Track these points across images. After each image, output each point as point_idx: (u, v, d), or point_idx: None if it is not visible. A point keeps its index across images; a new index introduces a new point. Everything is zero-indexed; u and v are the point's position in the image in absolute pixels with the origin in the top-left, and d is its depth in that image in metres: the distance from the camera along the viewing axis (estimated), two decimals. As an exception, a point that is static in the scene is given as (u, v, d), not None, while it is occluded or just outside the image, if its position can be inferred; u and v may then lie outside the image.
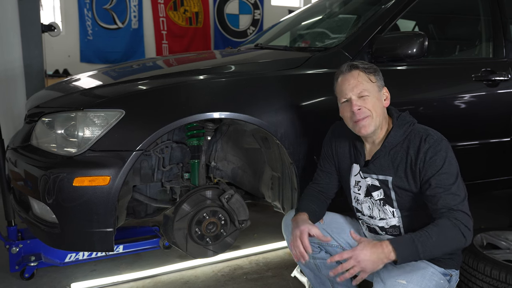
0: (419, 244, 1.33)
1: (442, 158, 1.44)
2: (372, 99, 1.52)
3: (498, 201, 3.52)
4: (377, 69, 1.58)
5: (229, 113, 1.83)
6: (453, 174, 1.44)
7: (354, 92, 1.53)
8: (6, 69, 3.54)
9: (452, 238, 1.36)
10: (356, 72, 1.54)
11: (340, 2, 2.91)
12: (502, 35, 2.48)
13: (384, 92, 1.58)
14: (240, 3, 7.36)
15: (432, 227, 1.37)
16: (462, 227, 1.36)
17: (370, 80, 1.54)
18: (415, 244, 1.33)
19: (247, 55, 2.50)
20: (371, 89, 1.53)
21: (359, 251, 1.33)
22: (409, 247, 1.33)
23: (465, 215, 1.39)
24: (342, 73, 1.57)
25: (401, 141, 1.53)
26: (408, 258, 1.34)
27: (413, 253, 1.33)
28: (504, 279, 1.80)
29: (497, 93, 2.38)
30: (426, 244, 1.33)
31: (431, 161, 1.44)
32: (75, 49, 6.39)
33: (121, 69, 2.53)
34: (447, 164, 1.44)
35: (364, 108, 1.52)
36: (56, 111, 1.83)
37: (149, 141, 1.72)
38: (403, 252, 1.32)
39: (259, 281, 2.21)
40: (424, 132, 1.50)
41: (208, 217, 1.98)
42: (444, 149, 1.46)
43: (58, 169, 1.68)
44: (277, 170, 2.10)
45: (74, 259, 2.22)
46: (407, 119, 1.57)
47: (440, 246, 1.35)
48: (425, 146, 1.46)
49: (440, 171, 1.43)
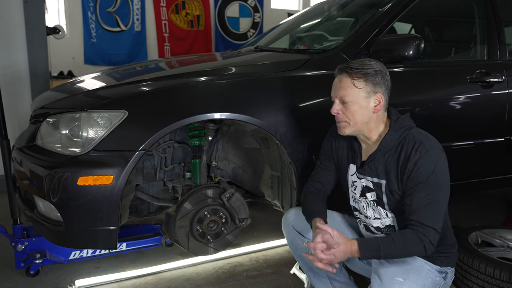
0: (382, 250, 1.42)
1: (430, 170, 1.42)
2: (353, 106, 1.50)
3: (492, 200, 3.53)
4: (370, 74, 1.48)
5: (230, 113, 1.84)
6: (437, 188, 1.43)
7: (337, 97, 1.53)
8: (12, 71, 3.57)
9: (413, 251, 1.44)
10: (342, 76, 1.52)
11: (338, 5, 2.91)
12: (496, 37, 2.49)
13: (376, 98, 1.50)
14: (241, 6, 7.37)
15: (399, 236, 1.43)
16: (426, 243, 1.41)
17: (355, 86, 1.49)
18: (379, 249, 1.42)
19: (247, 57, 2.51)
20: (355, 96, 1.49)
21: (337, 250, 1.44)
22: (373, 251, 1.43)
23: (434, 233, 1.41)
24: (335, 74, 1.58)
25: (395, 145, 1.50)
26: (369, 257, 1.48)
27: (374, 255, 1.45)
28: (499, 276, 1.82)
29: (491, 94, 2.40)
30: (389, 251, 1.42)
31: (418, 172, 1.42)
32: (79, 51, 6.41)
33: (124, 71, 2.54)
34: (433, 177, 1.42)
35: (342, 114, 1.53)
36: (61, 112, 1.84)
37: (151, 141, 1.74)
38: (365, 253, 1.44)
39: (259, 278, 2.22)
40: (418, 139, 1.46)
41: (209, 216, 2.00)
42: (434, 160, 1.43)
43: (63, 168, 1.70)
44: (277, 170, 2.12)
45: (78, 256, 2.23)
46: (404, 123, 1.53)
47: (399, 255, 1.45)
48: (415, 156, 1.43)
49: (423, 183, 1.42)
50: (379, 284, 1.47)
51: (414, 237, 1.41)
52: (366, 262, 1.74)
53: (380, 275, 1.49)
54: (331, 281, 1.80)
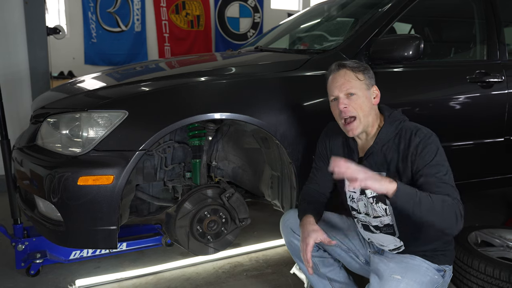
0: (419, 196, 1.34)
1: (434, 151, 1.44)
2: (360, 98, 1.54)
3: (492, 199, 3.53)
4: (367, 68, 1.58)
5: (230, 114, 1.84)
6: (445, 166, 1.44)
7: (341, 91, 1.55)
8: (13, 71, 3.57)
9: (447, 214, 1.35)
10: (344, 70, 1.56)
11: (338, 6, 2.92)
12: (495, 37, 2.50)
13: (374, 90, 1.58)
14: (241, 7, 7.37)
15: (436, 195, 1.36)
16: (458, 212, 1.35)
17: (357, 78, 1.55)
18: (417, 195, 1.34)
19: (247, 57, 2.51)
20: (359, 88, 1.54)
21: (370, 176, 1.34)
22: (411, 194, 1.34)
23: (462, 207, 1.37)
24: (331, 72, 1.60)
25: (392, 137, 1.54)
26: (404, 199, 1.34)
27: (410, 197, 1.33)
28: (498, 276, 1.82)
29: (491, 94, 2.41)
30: (425, 202, 1.33)
31: (423, 154, 1.44)
32: (79, 52, 6.42)
33: (125, 71, 2.54)
34: (439, 156, 1.44)
35: (350, 107, 1.54)
36: (61, 112, 1.85)
37: (151, 141, 1.74)
38: (403, 189, 1.33)
39: (259, 278, 2.23)
40: (414, 128, 1.51)
41: (209, 215, 2.01)
42: (435, 142, 1.46)
43: (63, 168, 1.70)
44: (277, 170, 2.12)
45: (78, 256, 2.24)
46: (398, 116, 1.58)
47: (433, 213, 1.34)
48: (415, 140, 1.46)
49: (432, 162, 1.43)
50: (377, 282, 1.48)
51: (449, 200, 1.36)
52: (364, 262, 1.74)
53: (379, 273, 1.50)
54: (330, 282, 1.81)
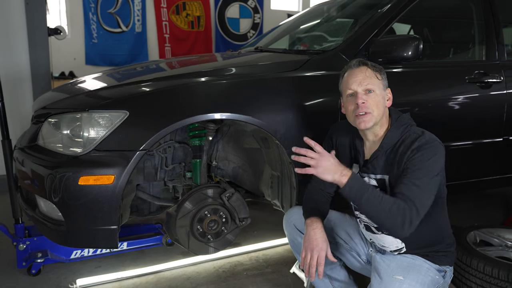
0: (368, 194, 1.39)
1: (426, 158, 1.42)
2: (377, 96, 1.53)
3: (491, 199, 3.53)
4: (383, 70, 1.59)
5: (230, 114, 1.85)
6: (428, 174, 1.41)
7: (361, 86, 1.53)
8: (14, 72, 3.58)
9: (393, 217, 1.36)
10: (365, 67, 1.56)
11: (338, 6, 2.92)
12: (494, 38, 2.51)
13: (387, 93, 1.59)
14: (241, 7, 7.38)
15: (389, 197, 1.39)
16: (407, 218, 1.35)
17: (377, 77, 1.55)
18: (367, 191, 1.39)
19: (247, 57, 2.52)
20: (377, 86, 1.54)
21: (325, 157, 1.44)
22: (360, 189, 1.40)
23: (417, 215, 1.36)
24: (350, 68, 1.59)
25: (397, 141, 1.53)
26: (352, 193, 1.41)
27: (357, 195, 1.40)
28: (497, 276, 1.83)
29: (489, 94, 2.41)
30: (373, 201, 1.38)
31: (414, 158, 1.43)
32: (80, 52, 6.42)
33: (125, 71, 2.55)
34: (432, 162, 1.42)
35: (368, 103, 1.52)
36: (62, 112, 1.85)
37: (152, 141, 1.75)
38: (353, 187, 1.40)
39: (259, 277, 2.23)
40: (419, 133, 1.49)
41: (210, 215, 2.02)
42: (433, 149, 1.44)
43: (64, 168, 1.71)
44: (277, 169, 2.13)
45: (79, 255, 2.24)
46: (405, 120, 1.56)
47: (379, 212, 1.38)
48: (414, 145, 1.45)
49: (417, 166, 1.41)
50: (379, 282, 1.47)
51: (403, 207, 1.36)
52: (366, 261, 1.75)
53: (380, 273, 1.50)
54: (331, 281, 1.81)
